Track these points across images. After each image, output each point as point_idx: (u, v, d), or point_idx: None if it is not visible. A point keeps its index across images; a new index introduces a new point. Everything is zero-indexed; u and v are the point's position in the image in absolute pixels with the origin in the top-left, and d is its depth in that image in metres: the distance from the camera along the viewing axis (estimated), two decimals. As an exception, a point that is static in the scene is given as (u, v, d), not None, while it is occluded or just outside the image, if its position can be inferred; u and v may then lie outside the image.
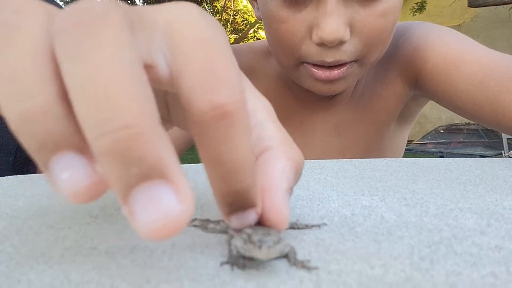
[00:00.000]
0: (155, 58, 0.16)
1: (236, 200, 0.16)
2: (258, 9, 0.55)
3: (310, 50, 0.49)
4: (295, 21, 0.48)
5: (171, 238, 0.20)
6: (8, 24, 0.14)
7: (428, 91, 0.56)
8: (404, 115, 0.65)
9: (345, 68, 0.49)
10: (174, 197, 0.13)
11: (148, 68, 0.16)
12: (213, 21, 0.17)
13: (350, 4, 0.46)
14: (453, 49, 0.53)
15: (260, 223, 0.18)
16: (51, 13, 0.15)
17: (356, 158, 0.45)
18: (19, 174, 0.42)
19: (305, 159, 0.44)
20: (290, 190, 0.19)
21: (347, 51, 0.48)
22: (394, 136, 0.66)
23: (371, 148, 0.64)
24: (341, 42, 0.47)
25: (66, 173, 0.13)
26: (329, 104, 0.62)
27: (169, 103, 0.23)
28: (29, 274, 0.17)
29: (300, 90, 0.60)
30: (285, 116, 0.63)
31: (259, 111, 0.20)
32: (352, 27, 0.47)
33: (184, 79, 0.15)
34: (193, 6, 0.17)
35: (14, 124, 0.13)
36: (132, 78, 0.13)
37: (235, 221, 0.17)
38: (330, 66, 0.49)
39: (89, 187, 0.13)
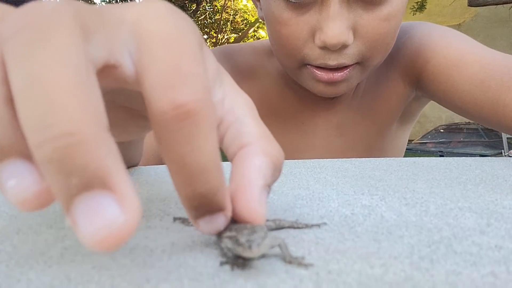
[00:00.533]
0: (119, 58, 0.15)
1: (202, 204, 0.16)
2: (261, 9, 0.55)
3: (312, 53, 0.49)
4: (298, 24, 0.48)
5: (171, 238, 0.20)
6: None
7: (429, 91, 0.56)
8: (405, 115, 0.65)
9: (347, 70, 0.49)
10: (117, 207, 0.12)
11: (111, 68, 0.15)
12: (183, 17, 0.16)
13: (353, 8, 0.46)
14: (454, 49, 0.53)
15: (237, 221, 0.18)
16: (2, 14, 0.14)
17: (357, 158, 0.45)
18: None
19: (307, 159, 0.44)
20: (268, 187, 0.18)
21: (350, 55, 0.48)
22: (396, 136, 0.66)
23: (373, 148, 0.64)
24: (344, 46, 0.47)
25: (13, 181, 0.13)
26: (331, 104, 0.62)
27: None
28: (29, 274, 0.17)
29: (302, 90, 0.60)
30: (287, 116, 0.63)
31: (238, 107, 0.19)
32: (355, 31, 0.47)
33: (146, 77, 0.14)
34: (163, 2, 0.17)
35: None
36: (76, 84, 0.12)
37: (203, 225, 0.17)
38: (333, 68, 0.49)
39: (36, 194, 0.13)
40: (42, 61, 0.12)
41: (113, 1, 8.22)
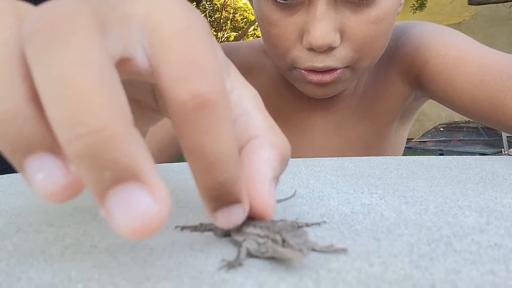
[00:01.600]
0: (133, 51, 0.16)
1: (221, 194, 0.16)
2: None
3: (301, 55, 0.49)
4: (287, 25, 0.48)
5: (171, 236, 0.20)
6: None
7: (428, 90, 0.56)
8: (404, 114, 0.65)
9: (336, 72, 0.49)
10: (149, 198, 0.13)
11: (126, 61, 0.16)
12: (192, 10, 0.17)
13: (340, 10, 0.46)
14: (453, 49, 0.53)
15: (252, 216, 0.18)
16: (20, 11, 0.15)
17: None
18: None
19: (305, 158, 0.44)
20: (276, 179, 0.19)
21: (338, 57, 0.48)
22: (395, 135, 0.66)
23: (372, 147, 0.64)
24: (331, 48, 0.47)
25: (41, 174, 0.13)
26: (329, 103, 0.62)
27: (156, 93, 0.23)
28: (29, 272, 0.17)
29: (299, 91, 0.60)
30: (285, 115, 0.63)
31: (246, 100, 0.19)
32: (342, 33, 0.47)
33: (163, 70, 0.15)
34: None
35: None
36: (101, 82, 0.13)
37: (221, 218, 0.17)
38: (322, 71, 0.49)
39: (64, 186, 0.14)
40: (68, 61, 0.12)
41: None
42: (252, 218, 0.18)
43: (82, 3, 0.14)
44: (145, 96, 0.22)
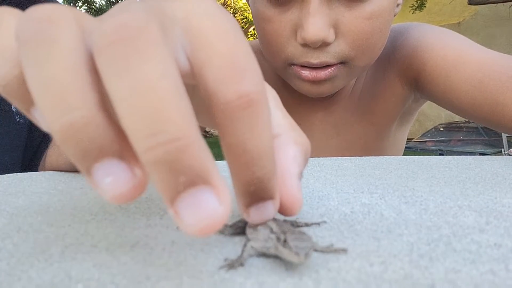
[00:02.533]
0: (175, 52, 0.16)
1: (257, 189, 0.17)
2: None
3: (295, 51, 0.49)
4: (281, 21, 0.48)
5: (171, 236, 0.20)
6: (45, 36, 0.14)
7: (427, 92, 0.56)
8: (403, 115, 0.65)
9: (331, 69, 0.49)
10: (216, 200, 0.14)
11: None
12: (228, 13, 0.18)
13: (334, 6, 0.46)
14: (451, 50, 0.53)
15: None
16: (79, 19, 0.15)
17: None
18: (26, 170, 0.42)
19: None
20: (301, 174, 0.19)
21: (332, 53, 0.48)
22: (394, 136, 0.66)
23: (371, 148, 0.64)
24: (325, 43, 0.47)
25: (109, 178, 0.14)
26: (328, 103, 0.62)
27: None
28: (30, 272, 0.17)
29: (297, 92, 0.60)
30: None
31: (268, 100, 0.20)
32: (337, 29, 0.47)
33: (208, 71, 0.16)
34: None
35: (59, 135, 0.14)
36: (177, 93, 0.14)
37: (254, 213, 0.18)
38: (317, 67, 0.49)
39: (130, 190, 0.14)
40: (145, 73, 0.13)
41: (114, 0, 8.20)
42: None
43: (149, 16, 0.14)
44: None
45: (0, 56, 0.15)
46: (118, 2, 8.18)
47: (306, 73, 0.49)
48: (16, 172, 0.39)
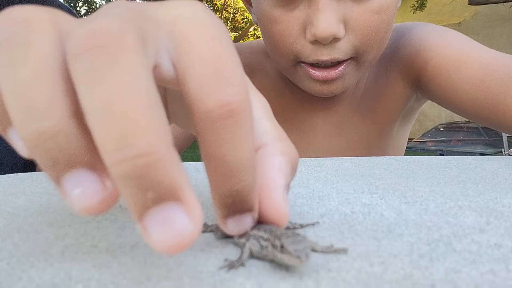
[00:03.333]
0: (159, 58, 0.16)
1: (235, 202, 0.16)
2: (254, 14, 0.55)
3: (305, 49, 0.49)
4: (288, 21, 0.48)
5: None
6: (18, 39, 0.14)
7: (428, 91, 0.56)
8: (405, 114, 0.65)
9: (342, 67, 0.49)
10: (186, 217, 0.14)
11: (154, 68, 0.16)
12: (217, 19, 0.17)
13: (343, 1, 0.46)
14: (453, 49, 0.53)
15: (259, 221, 0.18)
16: (57, 20, 0.15)
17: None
18: (28, 171, 0.42)
19: (305, 158, 0.44)
20: (288, 186, 0.19)
21: (342, 49, 0.48)
22: (396, 135, 0.66)
23: (373, 147, 0.64)
24: (335, 39, 0.47)
25: (78, 189, 0.14)
26: (330, 103, 0.62)
27: (169, 100, 0.23)
28: (30, 272, 0.17)
29: (301, 90, 0.60)
30: (286, 116, 0.63)
31: (256, 109, 0.20)
32: (346, 24, 0.47)
33: (191, 78, 0.15)
34: (197, 3, 0.17)
35: (28, 143, 0.13)
36: (149, 105, 0.13)
37: (231, 225, 0.17)
38: (327, 66, 0.49)
39: (99, 202, 0.14)
40: (117, 84, 0.13)
41: None
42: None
43: (128, 24, 0.14)
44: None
45: None
46: None
47: (316, 73, 0.49)
48: (18, 173, 0.39)
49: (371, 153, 0.63)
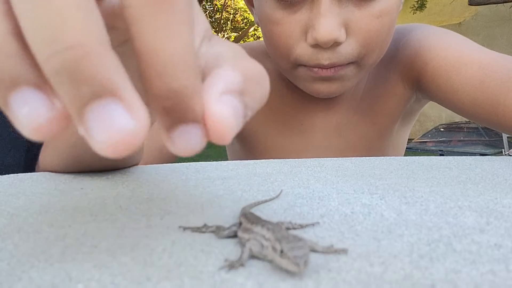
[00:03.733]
0: None
1: (176, 106, 0.15)
2: (256, 14, 0.55)
3: (305, 52, 0.49)
4: (290, 23, 0.48)
5: (171, 236, 0.20)
6: None
7: (429, 93, 0.56)
8: (405, 115, 0.65)
9: (340, 67, 0.49)
10: (127, 114, 0.13)
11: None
12: None
13: (344, 5, 0.46)
14: (453, 51, 0.53)
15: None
16: None
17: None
18: (29, 170, 0.42)
19: (305, 159, 0.44)
20: (238, 95, 0.16)
21: (343, 53, 0.48)
22: (396, 136, 0.66)
23: (373, 148, 0.64)
24: (336, 43, 0.47)
25: (26, 108, 0.14)
26: (330, 104, 0.62)
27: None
28: (30, 272, 0.17)
29: (301, 91, 0.60)
30: (286, 116, 0.63)
31: (223, 51, 0.18)
32: (347, 28, 0.47)
33: None
34: None
35: None
36: (79, 4, 0.13)
37: (177, 139, 0.15)
38: (327, 68, 0.49)
39: (49, 120, 0.14)
40: None
41: None
42: (260, 218, 0.18)
43: None
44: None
45: None
46: None
47: (317, 69, 0.49)
48: (19, 173, 0.39)
49: (370, 154, 0.63)
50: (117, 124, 0.13)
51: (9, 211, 0.26)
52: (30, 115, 0.14)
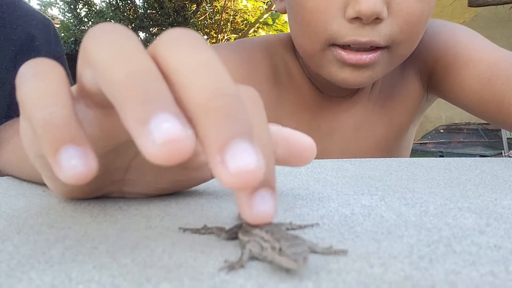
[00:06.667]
0: None
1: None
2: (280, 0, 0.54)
3: (341, 28, 0.46)
4: None
5: (171, 237, 0.21)
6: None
7: (438, 89, 0.57)
8: (416, 114, 0.64)
9: (376, 54, 0.47)
10: (255, 154, 0.16)
11: None
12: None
13: None
14: (463, 48, 0.53)
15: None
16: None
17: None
18: None
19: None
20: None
21: (382, 33, 0.46)
22: (409, 136, 0.66)
23: (390, 148, 0.62)
24: (377, 20, 0.45)
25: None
26: (347, 105, 0.60)
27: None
28: (30, 273, 0.17)
29: (318, 92, 0.59)
30: (304, 119, 0.61)
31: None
32: (389, 7, 0.45)
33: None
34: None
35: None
36: (223, 66, 0.18)
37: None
38: (359, 50, 0.47)
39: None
40: (206, 53, 0.18)
41: (113, 1, 8.22)
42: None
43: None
44: None
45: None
46: (118, 5, 8.20)
47: (349, 55, 0.47)
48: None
49: (387, 155, 0.62)
50: (246, 161, 0.15)
51: (9, 213, 0.26)
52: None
